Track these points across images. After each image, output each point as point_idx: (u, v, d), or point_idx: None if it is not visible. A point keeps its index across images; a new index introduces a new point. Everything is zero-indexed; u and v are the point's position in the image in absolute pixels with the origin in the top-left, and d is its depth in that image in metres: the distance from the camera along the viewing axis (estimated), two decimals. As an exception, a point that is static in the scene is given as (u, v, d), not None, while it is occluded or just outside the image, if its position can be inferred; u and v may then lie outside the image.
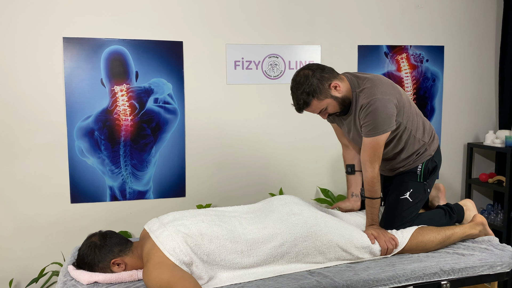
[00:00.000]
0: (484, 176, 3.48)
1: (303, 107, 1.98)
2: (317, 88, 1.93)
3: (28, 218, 2.80)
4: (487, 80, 3.64)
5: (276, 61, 3.13)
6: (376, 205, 2.05)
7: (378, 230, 2.02)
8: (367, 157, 2.00)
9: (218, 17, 3.00)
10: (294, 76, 1.99)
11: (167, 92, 2.95)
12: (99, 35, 2.80)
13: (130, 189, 2.95)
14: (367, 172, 2.02)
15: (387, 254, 2.00)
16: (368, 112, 1.95)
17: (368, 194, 2.05)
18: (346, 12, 3.25)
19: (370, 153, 1.99)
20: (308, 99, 1.94)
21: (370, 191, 2.04)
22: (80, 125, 2.82)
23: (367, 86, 1.98)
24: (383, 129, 1.95)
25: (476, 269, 1.95)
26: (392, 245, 1.98)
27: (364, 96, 1.97)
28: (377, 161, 2.00)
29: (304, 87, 1.93)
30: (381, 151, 2.00)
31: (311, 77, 1.93)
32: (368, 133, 1.98)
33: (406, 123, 2.06)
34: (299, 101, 1.96)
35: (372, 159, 1.99)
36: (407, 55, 3.39)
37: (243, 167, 3.16)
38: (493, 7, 3.58)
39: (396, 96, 1.99)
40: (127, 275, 1.78)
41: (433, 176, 2.22)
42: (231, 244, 1.79)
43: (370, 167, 2.00)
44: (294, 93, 1.98)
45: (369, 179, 2.02)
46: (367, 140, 1.99)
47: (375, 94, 1.95)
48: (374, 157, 1.99)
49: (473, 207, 2.35)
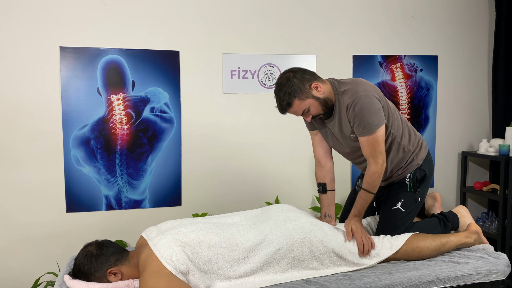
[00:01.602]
0: (478, 184, 3.50)
1: (286, 108, 2.01)
2: (298, 88, 1.97)
3: (23, 227, 2.78)
4: (481, 89, 3.68)
5: (272, 70, 3.15)
6: (368, 199, 2.06)
7: (358, 224, 2.03)
8: (368, 153, 2.02)
9: (214, 26, 3.03)
10: (277, 80, 2.03)
11: (163, 101, 2.96)
12: (96, 45, 2.81)
13: (126, 198, 2.94)
14: (370, 166, 2.03)
15: (364, 253, 1.98)
16: (355, 111, 1.97)
17: (366, 186, 2.05)
18: (341, 22, 3.28)
19: (370, 150, 2.01)
20: (290, 99, 1.97)
21: (369, 184, 2.04)
22: (76, 134, 2.82)
23: (349, 87, 2.02)
24: (376, 124, 1.97)
25: (472, 277, 1.96)
26: (368, 241, 1.98)
27: (348, 96, 2.00)
28: (380, 156, 2.01)
29: (285, 88, 1.97)
30: (382, 146, 2.02)
31: (292, 78, 1.98)
32: (362, 132, 1.99)
33: (391, 127, 2.09)
34: (282, 102, 1.99)
35: (373, 154, 2.01)
36: (401, 64, 3.43)
37: (240, 176, 3.17)
38: (485, 18, 3.64)
39: (377, 93, 2.03)
40: (124, 284, 1.77)
41: (424, 185, 2.23)
42: (228, 252, 1.80)
43: (373, 162, 2.02)
44: (277, 95, 2.02)
45: (371, 173, 2.03)
46: (363, 139, 2.01)
47: (358, 92, 1.98)
48: (375, 153, 2.01)
49: (467, 214, 2.37)
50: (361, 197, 2.07)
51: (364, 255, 1.98)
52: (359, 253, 1.98)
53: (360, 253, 1.98)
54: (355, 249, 1.96)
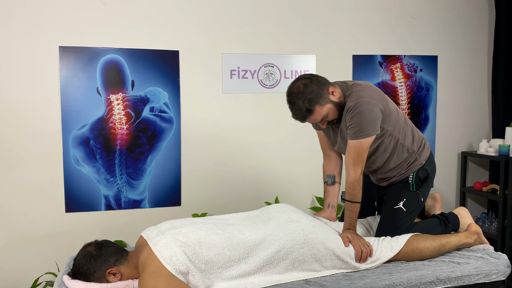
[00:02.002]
0: (478, 184, 3.50)
1: (306, 116, 1.96)
2: (318, 94, 1.94)
3: (22, 227, 2.78)
4: (480, 89, 3.68)
5: (272, 70, 3.15)
6: (355, 209, 2.05)
7: (353, 234, 2.02)
8: (351, 159, 2.01)
9: (214, 26, 3.02)
10: (291, 89, 1.98)
11: (163, 101, 2.95)
12: (95, 44, 2.81)
13: (125, 198, 2.94)
14: (350, 174, 2.03)
15: (362, 260, 1.97)
16: (354, 114, 1.96)
17: (348, 197, 2.06)
18: (341, 22, 3.28)
19: (354, 156, 2.00)
20: (311, 106, 1.94)
21: (351, 194, 2.04)
22: (75, 134, 2.81)
23: (355, 90, 2.01)
24: (367, 133, 1.96)
25: (472, 278, 1.96)
26: (367, 249, 1.97)
27: (351, 99, 1.99)
28: (360, 164, 2.01)
29: (305, 95, 1.93)
30: (365, 155, 2.01)
31: (310, 84, 1.94)
32: (353, 136, 1.99)
33: (393, 131, 2.08)
34: (301, 109, 1.94)
35: (355, 162, 2.00)
36: (401, 64, 3.43)
37: (239, 176, 3.16)
38: (485, 18, 3.64)
39: (382, 103, 2.01)
40: (123, 285, 1.76)
41: (427, 185, 2.23)
42: (229, 252, 1.79)
43: (352, 169, 2.01)
44: (294, 103, 1.96)
45: (350, 182, 2.03)
46: (351, 143, 2.00)
47: (362, 97, 1.97)
48: (357, 160, 2.00)
49: (467, 215, 2.37)
50: (347, 209, 2.07)
51: (361, 261, 1.97)
52: (356, 259, 1.96)
53: (357, 259, 1.96)
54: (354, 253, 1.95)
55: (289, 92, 1.98)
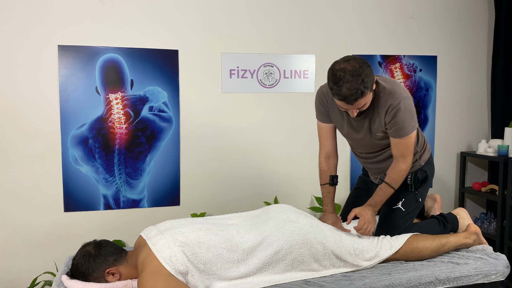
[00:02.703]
0: (477, 185, 3.50)
1: (358, 98, 1.82)
2: (372, 80, 1.85)
3: (21, 227, 2.77)
4: (480, 90, 3.68)
5: (271, 70, 3.14)
6: (388, 193, 2.06)
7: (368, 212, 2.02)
8: (399, 152, 2.02)
9: (213, 26, 3.02)
10: (343, 66, 1.81)
11: (162, 100, 2.95)
12: (94, 43, 2.80)
13: (124, 198, 2.93)
14: (399, 164, 2.04)
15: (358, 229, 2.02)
16: (398, 113, 1.93)
17: (389, 180, 2.06)
18: (341, 22, 3.28)
19: (403, 150, 2.02)
20: (365, 90, 1.81)
21: (394, 180, 2.05)
22: (74, 133, 2.80)
23: (387, 86, 1.96)
24: (412, 127, 1.98)
25: (471, 278, 1.96)
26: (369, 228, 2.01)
27: (391, 96, 1.94)
28: (410, 155, 2.03)
29: (362, 76, 1.79)
30: (413, 146, 2.03)
31: (366, 68, 1.82)
32: (398, 135, 1.98)
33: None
34: (356, 90, 1.79)
35: (405, 154, 2.02)
36: (401, 64, 3.43)
37: (238, 175, 3.16)
38: (485, 18, 3.64)
39: None
40: (122, 284, 1.76)
41: (425, 186, 2.23)
42: (228, 253, 1.79)
43: (403, 160, 2.03)
44: (349, 82, 1.79)
45: (399, 169, 2.04)
46: (397, 141, 2.00)
47: (402, 93, 1.95)
48: (406, 152, 2.02)
49: (466, 216, 2.37)
50: (382, 190, 2.07)
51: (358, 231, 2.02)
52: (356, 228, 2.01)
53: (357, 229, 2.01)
54: (354, 250, 1.96)
55: (342, 69, 1.81)
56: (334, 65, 1.86)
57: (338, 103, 1.90)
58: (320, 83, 3.21)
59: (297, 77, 3.20)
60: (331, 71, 1.86)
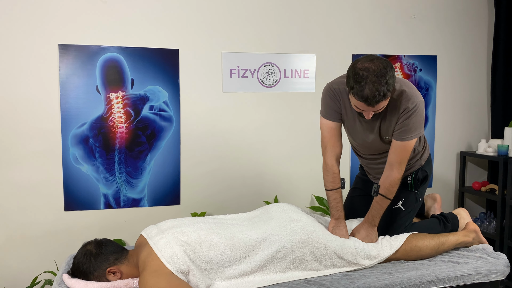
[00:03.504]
0: (477, 184, 3.51)
1: (381, 100, 1.74)
2: (394, 83, 1.78)
3: (21, 226, 2.77)
4: (479, 90, 3.69)
5: (272, 69, 3.15)
6: (385, 205, 2.03)
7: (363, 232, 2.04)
8: (398, 158, 1.97)
9: (214, 25, 3.02)
10: (368, 65, 1.73)
11: (162, 99, 2.95)
12: (95, 42, 2.80)
13: (124, 197, 2.93)
14: (393, 172, 1.98)
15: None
16: (412, 116, 1.88)
17: (384, 191, 2.02)
18: (341, 22, 3.28)
19: (402, 156, 1.97)
20: (388, 92, 1.74)
21: (389, 190, 2.01)
22: (74, 132, 2.80)
23: (402, 88, 1.90)
24: (418, 133, 1.95)
25: (471, 277, 1.96)
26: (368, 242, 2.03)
27: (407, 99, 1.88)
28: (404, 164, 2.00)
29: (387, 78, 1.72)
30: (410, 153, 2.00)
31: (390, 68, 1.75)
32: (403, 138, 1.93)
33: None
34: (379, 91, 1.71)
35: (403, 161, 1.98)
36: (401, 64, 3.43)
37: (238, 175, 3.16)
38: (485, 18, 3.64)
39: None
40: (123, 283, 1.76)
41: (424, 185, 2.23)
42: (230, 251, 1.79)
43: (398, 168, 1.98)
44: (373, 82, 1.71)
45: (393, 179, 1.99)
46: (399, 144, 1.95)
47: (418, 97, 1.90)
48: (403, 159, 1.98)
49: (466, 216, 2.37)
50: (378, 203, 2.03)
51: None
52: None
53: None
54: (355, 249, 1.96)
55: (366, 68, 1.73)
56: (356, 63, 1.76)
57: (355, 103, 1.80)
58: (320, 83, 3.22)
59: (297, 76, 3.20)
60: (353, 69, 1.76)
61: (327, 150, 2.10)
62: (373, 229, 2.05)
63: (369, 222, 2.05)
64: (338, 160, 2.12)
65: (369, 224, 2.05)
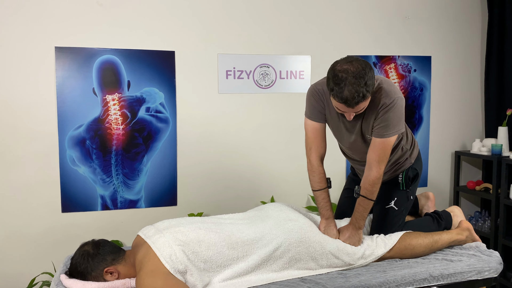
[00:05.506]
0: (471, 183, 3.54)
1: (360, 102, 1.76)
2: (373, 83, 1.79)
3: (18, 228, 2.78)
4: (473, 90, 3.72)
5: (267, 70, 3.17)
6: (368, 206, 1.99)
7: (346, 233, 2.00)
8: (376, 157, 1.93)
9: (210, 27, 3.04)
10: (346, 67, 1.75)
11: (159, 101, 2.97)
12: (91, 45, 2.81)
13: (121, 198, 2.95)
14: (373, 171, 1.95)
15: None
16: (389, 112, 1.87)
17: (364, 192, 1.98)
18: (336, 23, 3.30)
19: (381, 154, 1.93)
20: (367, 93, 1.75)
21: (369, 191, 1.97)
22: (71, 134, 2.82)
23: (381, 85, 1.90)
24: (397, 130, 1.91)
25: (465, 275, 1.99)
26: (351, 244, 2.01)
27: (385, 95, 1.88)
28: (384, 162, 1.95)
29: (366, 79, 1.73)
30: (389, 153, 1.96)
31: (368, 70, 1.76)
32: (382, 134, 1.91)
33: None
34: (359, 93, 1.73)
35: (382, 159, 1.94)
36: (395, 65, 3.46)
37: (235, 175, 3.18)
38: (478, 19, 3.67)
39: None
40: (120, 283, 1.78)
41: (415, 183, 2.24)
42: (228, 250, 1.81)
43: (377, 167, 1.94)
44: (352, 84, 1.72)
45: (372, 179, 1.95)
46: (379, 141, 1.92)
47: (396, 93, 1.89)
48: (383, 158, 1.94)
49: (460, 213, 2.40)
50: (360, 205, 2.00)
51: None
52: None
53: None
54: (352, 250, 1.98)
55: (345, 70, 1.74)
56: (336, 65, 1.78)
57: (336, 104, 1.82)
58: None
59: (293, 77, 3.23)
60: (332, 71, 1.78)
61: (312, 151, 2.11)
62: (357, 231, 2.01)
63: (353, 224, 2.02)
64: (322, 160, 2.13)
65: (353, 226, 2.02)
